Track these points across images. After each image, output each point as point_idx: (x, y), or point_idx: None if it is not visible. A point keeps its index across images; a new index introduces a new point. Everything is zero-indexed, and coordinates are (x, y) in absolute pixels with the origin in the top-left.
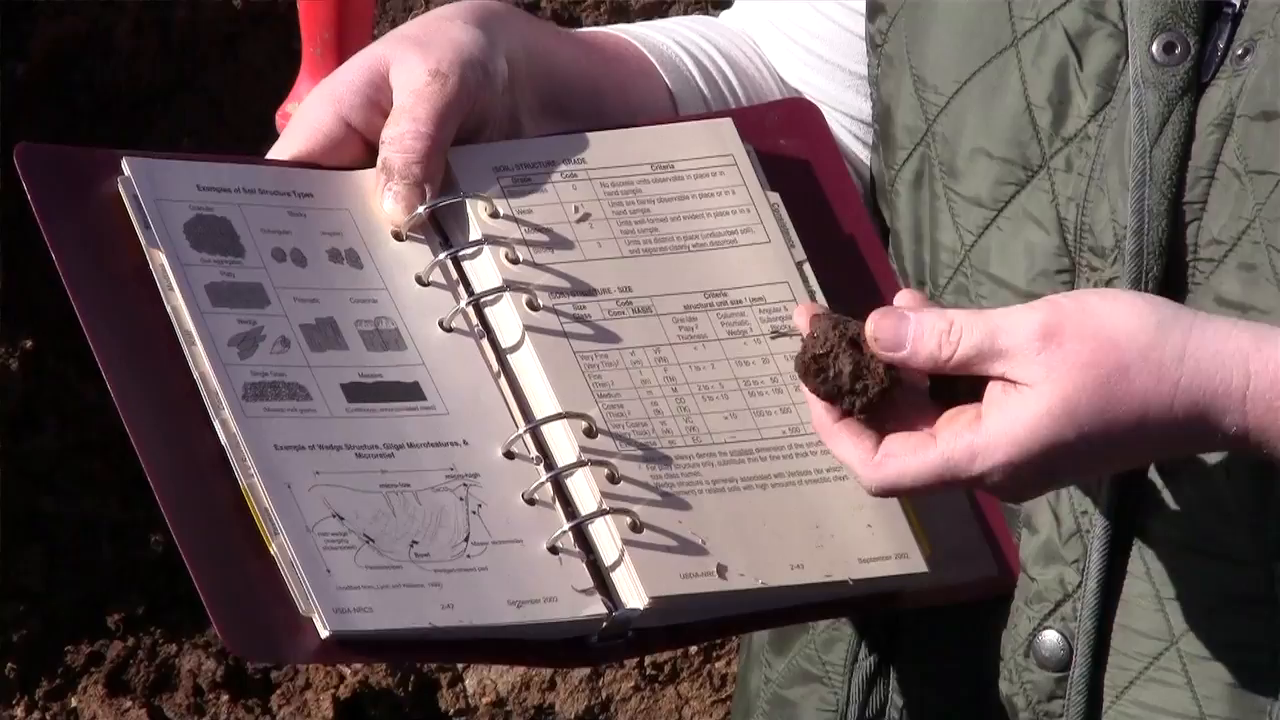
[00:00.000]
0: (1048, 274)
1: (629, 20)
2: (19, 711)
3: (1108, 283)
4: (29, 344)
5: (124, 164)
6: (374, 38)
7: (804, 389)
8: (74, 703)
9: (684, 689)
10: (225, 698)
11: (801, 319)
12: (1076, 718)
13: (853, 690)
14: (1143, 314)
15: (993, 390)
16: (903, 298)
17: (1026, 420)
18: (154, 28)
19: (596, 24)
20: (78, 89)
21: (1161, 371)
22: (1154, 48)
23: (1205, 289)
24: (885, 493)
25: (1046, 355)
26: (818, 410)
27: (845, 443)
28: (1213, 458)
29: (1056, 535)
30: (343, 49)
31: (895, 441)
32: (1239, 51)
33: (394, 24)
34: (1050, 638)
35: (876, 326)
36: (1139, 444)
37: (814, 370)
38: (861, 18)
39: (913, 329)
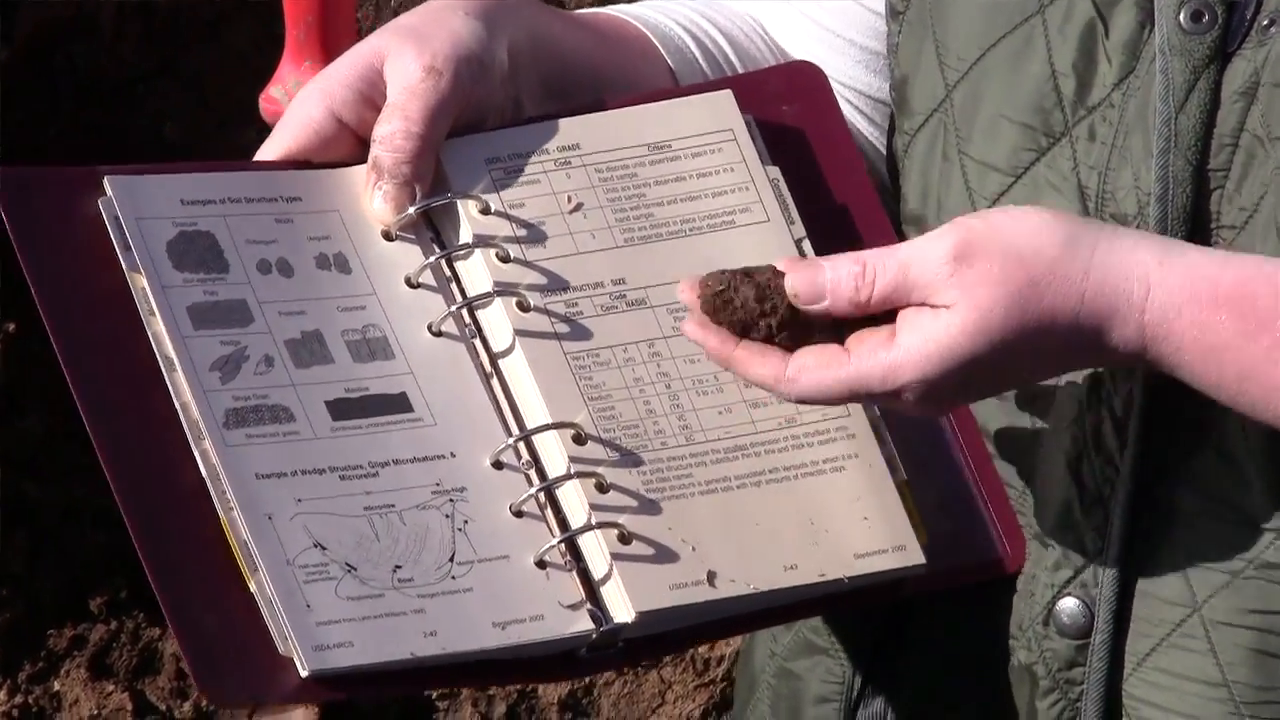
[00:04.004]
0: None
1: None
2: (1, 695)
3: None
4: (12, 328)
5: (105, 183)
6: (358, 23)
7: (710, 330)
8: (57, 686)
9: (667, 673)
10: None
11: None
12: (1098, 685)
13: (859, 662)
14: (1051, 229)
15: (907, 310)
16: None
17: (940, 338)
18: (137, 11)
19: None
20: (61, 73)
21: (1068, 285)
22: (1182, 16)
23: None
24: (802, 402)
25: (958, 277)
26: (714, 341)
27: (754, 363)
28: (1231, 421)
29: (1078, 502)
30: (326, 33)
31: (808, 354)
32: (1265, 21)
33: (379, 7)
34: (1070, 605)
35: (793, 281)
36: (1048, 356)
37: (720, 305)
38: None
39: (829, 277)
